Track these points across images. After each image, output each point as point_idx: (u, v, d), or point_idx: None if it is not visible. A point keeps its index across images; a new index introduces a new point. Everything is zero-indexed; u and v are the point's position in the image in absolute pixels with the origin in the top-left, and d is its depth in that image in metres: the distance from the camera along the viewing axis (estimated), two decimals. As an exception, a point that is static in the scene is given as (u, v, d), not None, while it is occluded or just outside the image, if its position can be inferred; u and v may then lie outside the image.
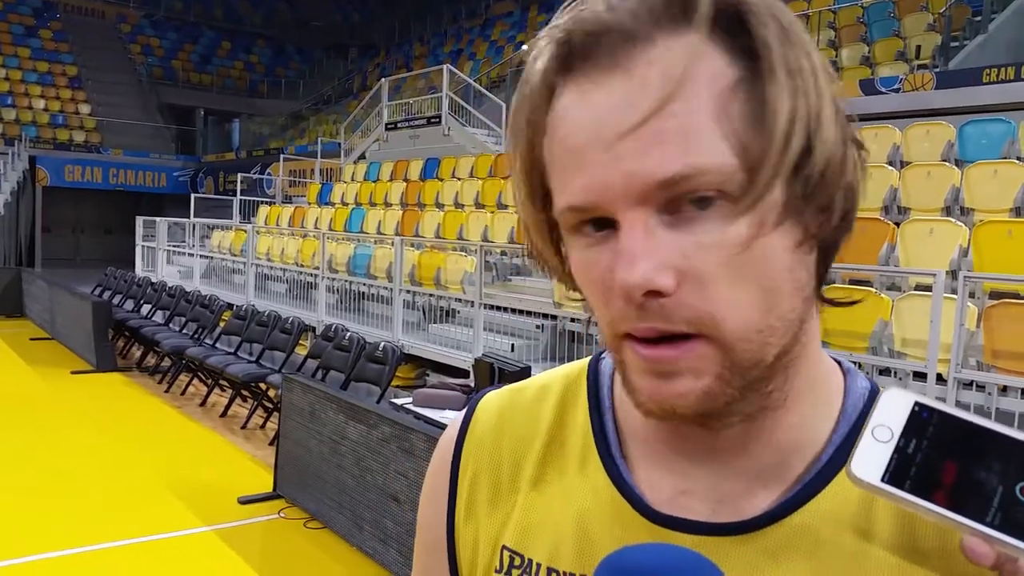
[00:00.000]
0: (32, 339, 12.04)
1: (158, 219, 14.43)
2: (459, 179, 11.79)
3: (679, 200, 0.48)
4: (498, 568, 0.64)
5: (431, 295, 8.37)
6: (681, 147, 0.47)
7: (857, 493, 0.54)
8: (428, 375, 7.79)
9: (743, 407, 0.54)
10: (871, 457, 0.46)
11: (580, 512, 0.61)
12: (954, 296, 4.56)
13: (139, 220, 14.94)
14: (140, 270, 14.15)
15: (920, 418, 0.46)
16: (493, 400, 0.71)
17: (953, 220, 5.95)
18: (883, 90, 9.00)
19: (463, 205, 11.02)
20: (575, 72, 0.51)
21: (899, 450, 0.45)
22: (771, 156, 0.48)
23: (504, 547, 0.64)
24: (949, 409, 0.46)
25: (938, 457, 0.45)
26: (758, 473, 0.57)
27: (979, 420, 0.45)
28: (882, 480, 0.45)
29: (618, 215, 0.50)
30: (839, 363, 0.62)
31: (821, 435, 0.58)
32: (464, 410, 0.72)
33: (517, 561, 0.63)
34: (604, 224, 0.51)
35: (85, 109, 25.79)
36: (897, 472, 0.45)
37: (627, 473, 0.60)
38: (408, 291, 8.48)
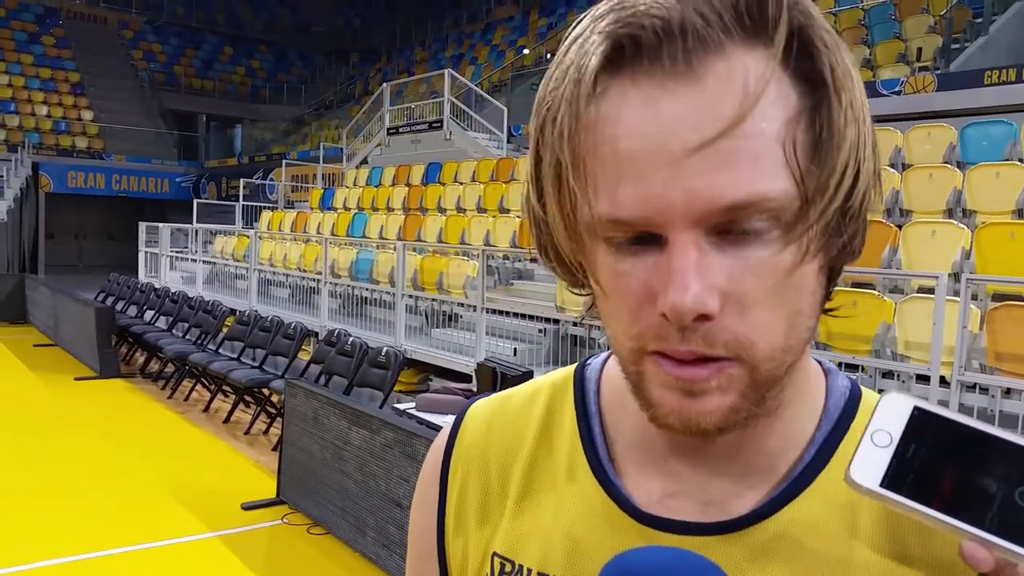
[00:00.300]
0: (35, 345, 12.06)
1: (161, 225, 14.46)
2: (461, 183, 11.81)
3: (734, 223, 0.47)
4: (489, 575, 0.64)
5: (433, 300, 8.37)
6: (751, 171, 0.46)
7: (840, 492, 0.55)
8: (431, 380, 7.79)
9: None
10: (870, 462, 0.45)
11: (569, 516, 0.61)
12: (957, 299, 4.55)
13: (142, 226, 14.97)
14: (143, 276, 14.17)
15: (919, 423, 0.46)
16: (481, 408, 0.71)
17: (955, 222, 5.94)
18: (884, 92, 9.00)
19: (465, 209, 11.03)
20: (637, 72, 0.48)
21: (898, 455, 0.45)
22: (830, 188, 0.48)
23: (495, 554, 0.64)
24: (948, 414, 0.46)
25: (937, 462, 0.45)
26: (746, 475, 0.57)
27: (978, 425, 0.45)
28: (880, 485, 0.45)
29: (669, 233, 0.48)
30: (820, 363, 0.62)
31: (806, 436, 0.58)
32: (453, 419, 0.72)
33: (508, 567, 0.63)
34: (644, 238, 0.49)
35: (88, 115, 25.85)
36: (896, 477, 0.45)
37: (615, 477, 0.61)
38: (410, 296, 8.48)
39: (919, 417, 0.46)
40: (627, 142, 0.47)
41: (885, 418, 0.46)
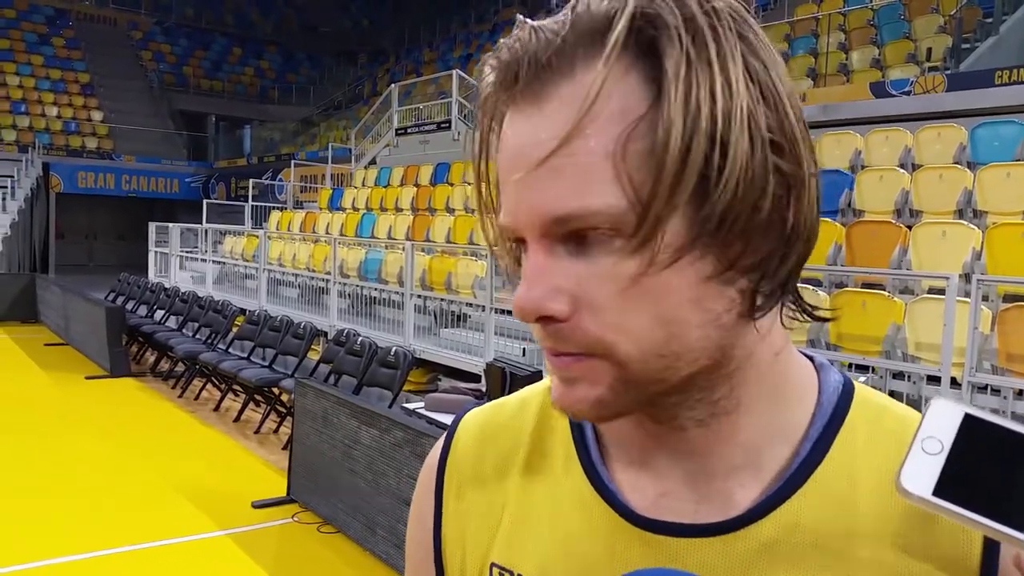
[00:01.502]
0: (47, 344, 12.12)
1: (171, 225, 14.51)
2: (469, 183, 11.80)
3: (575, 233, 0.50)
4: None
5: (442, 300, 8.39)
6: (574, 187, 0.49)
7: (839, 488, 0.55)
8: (440, 380, 7.80)
9: (691, 414, 0.56)
10: (921, 470, 0.44)
11: (567, 523, 0.61)
12: (967, 299, 4.54)
13: (152, 226, 15.03)
14: (153, 276, 14.23)
15: (971, 430, 0.45)
16: (474, 418, 0.71)
17: (966, 223, 5.93)
18: (894, 93, 8.97)
19: (473, 210, 11.00)
20: (514, 96, 0.52)
21: (950, 463, 0.44)
22: (658, 197, 0.48)
23: (493, 564, 0.63)
24: (1001, 421, 0.45)
25: (991, 470, 0.44)
26: (732, 472, 0.57)
27: None
28: (933, 494, 0.43)
29: (527, 239, 0.52)
30: (812, 359, 0.62)
31: (796, 432, 0.58)
32: (446, 431, 0.72)
33: None
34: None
35: (97, 116, 25.98)
36: (948, 485, 0.44)
37: (609, 481, 0.60)
38: (419, 296, 8.50)
39: (971, 424, 0.45)
40: (502, 160, 0.53)
41: (935, 425, 0.45)
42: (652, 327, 0.51)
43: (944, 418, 0.45)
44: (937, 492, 0.44)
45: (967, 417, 0.45)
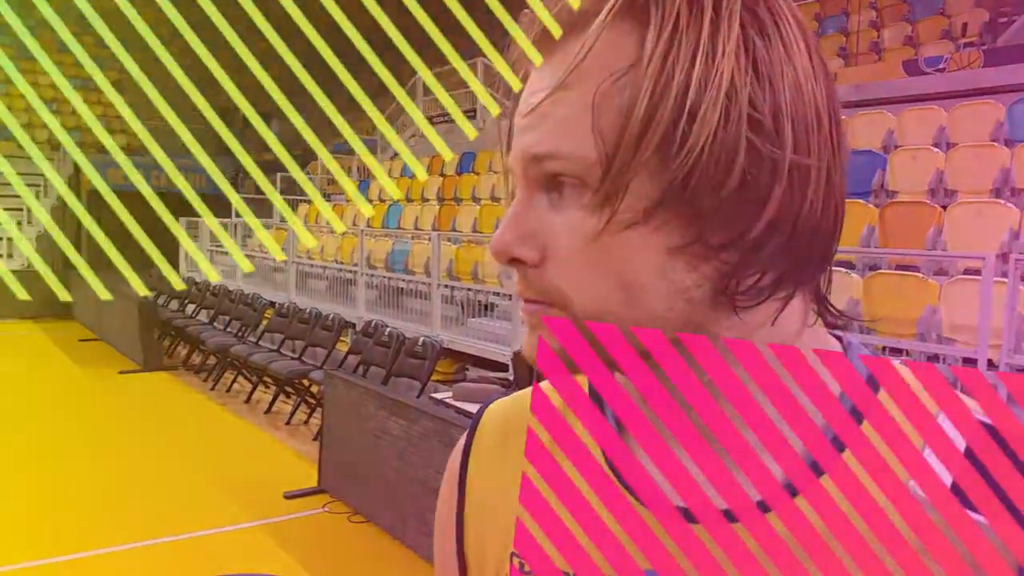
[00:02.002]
0: (80, 340, 12.32)
1: (200, 220, 14.62)
2: (495, 172, 11.79)
3: (550, 179, 0.52)
4: (508, 575, 0.63)
5: (469, 289, 8.38)
6: (554, 130, 0.51)
7: (862, 476, 0.52)
8: (468, 369, 7.80)
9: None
10: (935, 469, 0.42)
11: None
12: (1005, 280, 4.44)
13: (182, 221, 15.16)
14: (184, 270, 14.38)
15: (991, 428, 0.41)
16: (497, 409, 0.72)
17: (1003, 202, 5.79)
18: (928, 70, 8.77)
19: (499, 199, 11.01)
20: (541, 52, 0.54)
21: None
22: (620, 153, 0.49)
23: (513, 554, 0.63)
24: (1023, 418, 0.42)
25: (1011, 472, 0.41)
26: (747, 455, 0.54)
27: None
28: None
29: (519, 183, 0.55)
30: (840, 338, 0.60)
31: (815, 419, 0.55)
32: (470, 424, 0.72)
33: (527, 566, 0.62)
34: None
35: (126, 112, 26.36)
36: (964, 487, 0.42)
37: (627, 464, 0.59)
38: (446, 286, 8.50)
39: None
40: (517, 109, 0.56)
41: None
42: (611, 287, 0.52)
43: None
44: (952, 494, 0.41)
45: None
